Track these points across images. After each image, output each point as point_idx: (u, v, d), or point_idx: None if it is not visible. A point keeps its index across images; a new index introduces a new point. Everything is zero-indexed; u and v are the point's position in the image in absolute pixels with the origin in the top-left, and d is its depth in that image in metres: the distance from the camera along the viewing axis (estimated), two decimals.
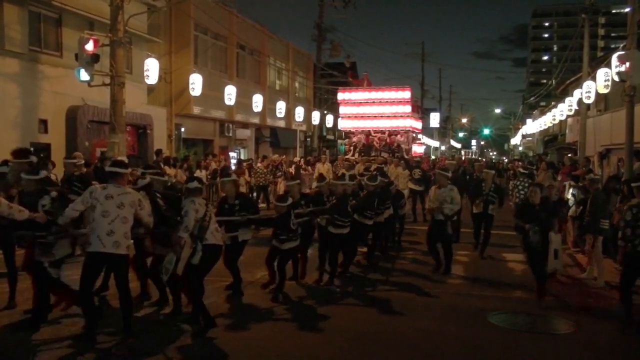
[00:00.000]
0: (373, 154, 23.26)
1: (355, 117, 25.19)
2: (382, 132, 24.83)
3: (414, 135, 27.34)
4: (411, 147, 25.73)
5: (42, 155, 16.04)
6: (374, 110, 24.80)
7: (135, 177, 8.31)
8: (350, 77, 40.56)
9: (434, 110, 64.55)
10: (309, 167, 22.60)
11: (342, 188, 9.25)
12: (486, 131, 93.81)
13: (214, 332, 6.62)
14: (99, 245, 6.09)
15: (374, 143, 24.56)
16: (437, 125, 64.04)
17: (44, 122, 16.71)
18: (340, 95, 26.05)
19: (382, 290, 8.81)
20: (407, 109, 24.41)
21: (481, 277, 9.76)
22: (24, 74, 15.92)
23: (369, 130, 25.01)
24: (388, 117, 24.55)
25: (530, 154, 55.16)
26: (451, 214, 9.77)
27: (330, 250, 9.07)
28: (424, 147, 59.80)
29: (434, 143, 69.20)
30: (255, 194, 19.40)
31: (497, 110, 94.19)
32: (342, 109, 25.81)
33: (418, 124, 28.32)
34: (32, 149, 11.66)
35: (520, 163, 27.47)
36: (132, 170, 9.73)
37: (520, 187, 13.02)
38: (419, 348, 6.33)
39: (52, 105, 16.75)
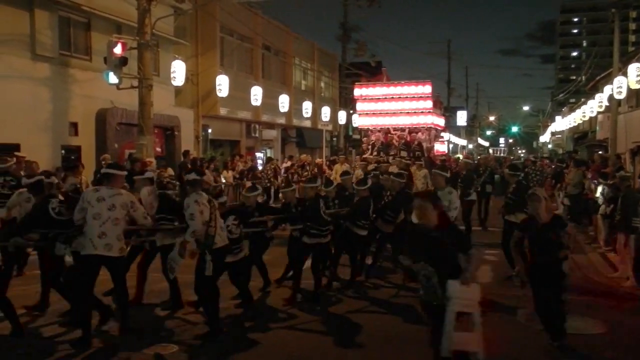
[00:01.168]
0: (392, 152, 21.90)
1: (373, 114, 23.91)
2: (402, 129, 23.49)
3: (436, 132, 25.86)
4: (433, 145, 24.53)
5: (72, 157, 16.45)
6: (392, 106, 23.43)
7: (164, 178, 8.43)
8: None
9: (461, 108, 64.02)
10: (329, 169, 22.29)
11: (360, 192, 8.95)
12: (514, 129, 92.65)
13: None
14: (91, 248, 6.11)
15: (393, 141, 23.14)
16: (464, 124, 63.53)
17: (74, 125, 17.00)
18: (357, 91, 24.71)
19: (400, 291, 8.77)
20: (428, 104, 23.18)
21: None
22: (54, 78, 16.21)
23: (388, 128, 23.70)
24: (408, 113, 23.17)
25: (560, 151, 54.37)
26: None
27: (312, 262, 8.32)
28: (451, 145, 59.54)
29: (461, 141, 68.70)
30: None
31: (525, 108, 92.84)
32: (359, 106, 24.55)
33: (440, 121, 27.09)
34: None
35: (547, 161, 27.10)
36: (160, 171, 9.87)
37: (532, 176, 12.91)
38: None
39: (82, 108, 17.03)
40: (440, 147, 29.20)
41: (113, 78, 14.85)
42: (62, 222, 6.50)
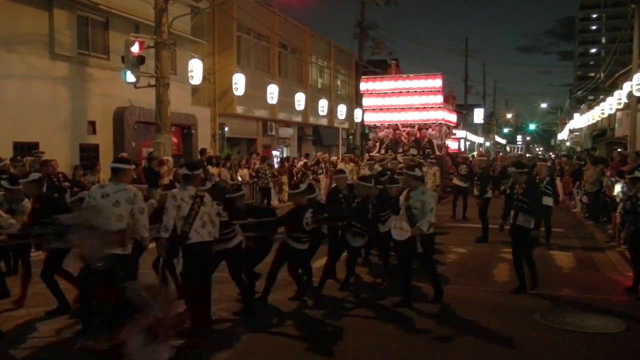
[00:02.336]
0: (400, 150, 20.82)
1: (381, 109, 22.52)
2: (411, 126, 22.18)
3: (448, 129, 24.39)
4: (445, 142, 23.08)
5: (90, 156, 16.60)
6: (401, 101, 22.06)
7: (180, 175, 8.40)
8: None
9: (478, 106, 63.65)
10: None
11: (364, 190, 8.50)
12: (532, 126, 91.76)
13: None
14: None
15: (402, 138, 21.93)
16: (482, 121, 63.14)
17: (92, 124, 17.16)
18: (363, 86, 23.24)
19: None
20: (439, 99, 21.77)
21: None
22: (73, 77, 16.37)
23: (397, 124, 22.40)
24: (417, 109, 21.83)
25: (578, 149, 53.82)
26: (427, 228, 7.48)
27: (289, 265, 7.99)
28: (468, 143, 59.17)
29: (478, 139, 68.20)
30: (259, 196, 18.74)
31: (543, 105, 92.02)
32: (366, 101, 22.99)
33: (452, 117, 25.40)
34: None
35: (565, 159, 26.82)
36: (178, 169, 9.90)
37: None
38: (467, 346, 6.26)
39: (100, 107, 17.18)
40: (452, 145, 26.97)
41: (131, 77, 14.98)
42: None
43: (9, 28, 14.55)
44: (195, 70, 20.37)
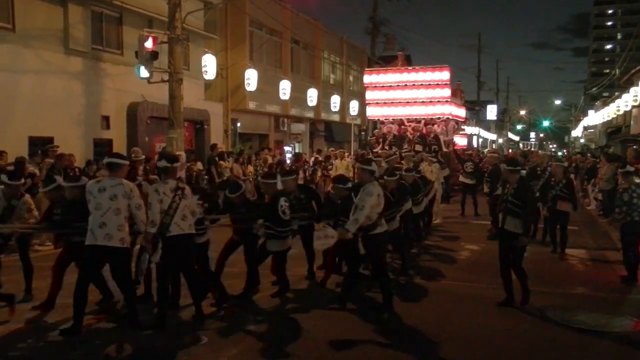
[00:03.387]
0: (405, 146, 19.67)
1: (385, 103, 21.63)
2: (417, 120, 21.31)
3: (456, 124, 23.29)
4: (452, 139, 22.09)
5: (104, 150, 16.67)
6: (406, 94, 21.12)
7: (193, 171, 8.46)
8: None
9: (491, 102, 63.32)
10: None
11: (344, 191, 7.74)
12: (545, 123, 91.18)
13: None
14: (92, 239, 6.14)
15: (407, 134, 21.00)
16: (494, 118, 62.84)
17: (106, 119, 17.24)
18: (367, 78, 22.30)
19: (436, 285, 8.72)
20: (446, 93, 20.82)
21: (540, 273, 9.50)
22: (87, 72, 16.45)
23: (401, 119, 21.59)
24: (423, 103, 20.90)
25: (593, 146, 53.39)
26: (354, 228, 6.90)
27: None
28: (480, 140, 58.88)
29: (491, 136, 67.91)
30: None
31: (557, 102, 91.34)
32: (369, 94, 22.09)
33: (460, 112, 24.32)
34: None
35: (580, 156, 26.62)
36: (191, 164, 9.94)
37: None
38: (479, 343, 6.23)
39: (113, 102, 17.26)
40: (460, 141, 25.72)
41: (144, 72, 15.02)
42: None
43: (25, 23, 14.63)
44: (208, 65, 20.45)
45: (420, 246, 11.34)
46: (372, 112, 22.31)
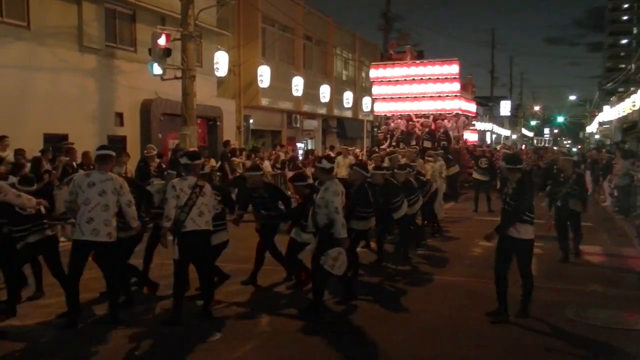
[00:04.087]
0: (414, 142, 19.21)
1: (392, 98, 21.03)
2: (425, 116, 20.70)
3: (466, 119, 22.60)
4: (462, 134, 21.53)
5: (117, 147, 16.76)
6: (414, 89, 20.48)
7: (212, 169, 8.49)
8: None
9: (505, 98, 62.88)
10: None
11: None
12: (560, 119, 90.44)
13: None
14: (79, 233, 6.19)
15: (415, 130, 20.33)
16: (508, 114, 62.42)
17: (119, 116, 17.33)
18: (373, 73, 21.75)
19: (450, 281, 8.68)
20: (455, 87, 20.16)
21: (556, 270, 9.44)
22: (101, 70, 16.53)
23: (409, 115, 20.93)
24: (432, 97, 20.25)
25: (608, 142, 52.90)
26: (345, 232, 6.68)
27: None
28: (494, 136, 58.51)
29: (505, 132, 67.45)
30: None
31: (572, 98, 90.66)
32: (375, 89, 21.50)
33: (471, 106, 23.49)
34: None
35: (594, 151, 26.36)
36: (204, 161, 10.01)
37: None
38: (496, 340, 6.19)
39: (127, 99, 17.34)
40: (471, 137, 25.12)
41: (157, 69, 15.08)
42: None
43: (40, 21, 14.73)
44: (221, 62, 20.47)
45: (419, 246, 11.12)
46: (379, 107, 21.77)
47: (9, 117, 13.49)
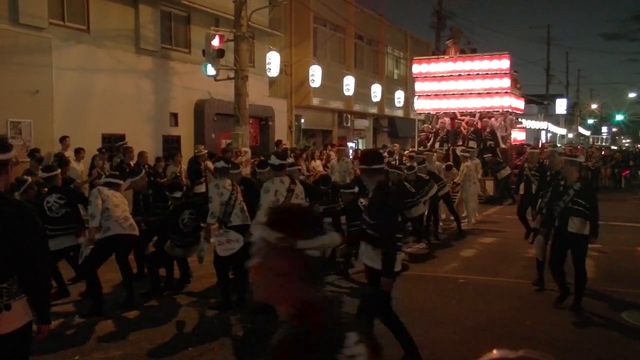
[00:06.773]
0: (460, 142, 18.17)
1: (436, 95, 20.00)
2: (471, 114, 19.40)
3: (514, 118, 21.14)
4: (510, 133, 20.08)
5: (172, 147, 17.13)
6: (460, 86, 19.32)
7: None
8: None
9: (560, 96, 61.23)
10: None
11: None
12: (619, 117, 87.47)
13: None
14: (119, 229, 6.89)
15: (461, 129, 19.22)
16: (564, 112, 60.78)
17: (174, 116, 17.71)
18: (416, 68, 20.60)
19: (499, 283, 8.53)
20: (505, 83, 18.82)
21: (614, 273, 9.15)
22: (156, 71, 16.93)
23: (454, 113, 19.79)
24: (479, 94, 19.03)
25: None
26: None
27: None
28: (549, 134, 57.06)
29: (560, 130, 65.70)
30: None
31: (631, 95, 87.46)
32: (418, 86, 20.46)
33: (519, 103, 21.98)
34: None
35: None
36: (254, 161, 10.17)
37: None
38: (555, 344, 6.06)
39: (181, 99, 17.70)
40: (519, 135, 23.66)
41: (211, 70, 15.31)
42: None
43: (99, 24, 15.19)
44: (273, 62, 20.67)
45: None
46: (421, 105, 20.54)
47: (70, 118, 13.95)
